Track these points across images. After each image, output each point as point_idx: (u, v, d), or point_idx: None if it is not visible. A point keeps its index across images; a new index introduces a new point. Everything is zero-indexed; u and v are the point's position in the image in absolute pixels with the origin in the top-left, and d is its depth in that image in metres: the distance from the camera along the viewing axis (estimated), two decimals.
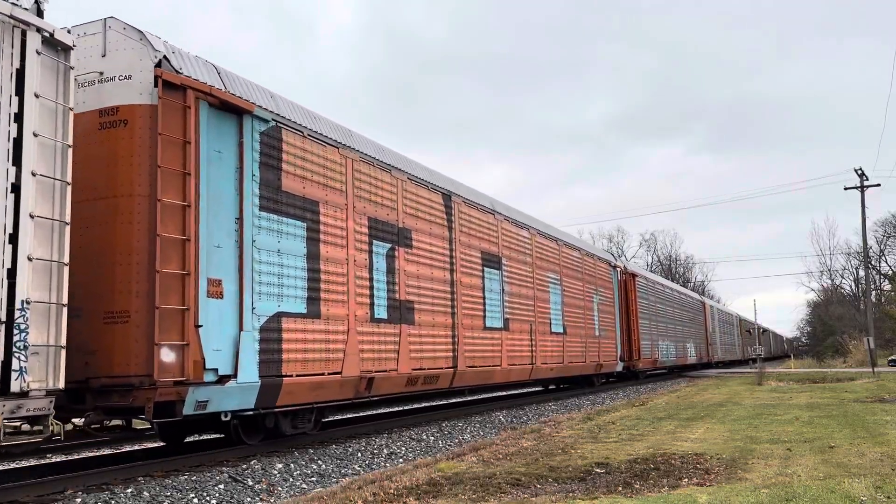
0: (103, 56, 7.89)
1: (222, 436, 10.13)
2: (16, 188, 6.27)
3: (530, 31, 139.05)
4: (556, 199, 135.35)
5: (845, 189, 41.21)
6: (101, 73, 7.84)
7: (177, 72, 7.87)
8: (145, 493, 6.99)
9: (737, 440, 9.98)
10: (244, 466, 8.43)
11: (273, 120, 9.18)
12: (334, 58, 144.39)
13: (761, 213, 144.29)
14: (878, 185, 40.92)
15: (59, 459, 9.68)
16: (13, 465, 9.18)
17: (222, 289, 8.10)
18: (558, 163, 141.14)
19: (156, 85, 7.67)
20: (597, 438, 10.65)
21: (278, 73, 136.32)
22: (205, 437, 11.46)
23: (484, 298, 14.68)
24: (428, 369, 12.33)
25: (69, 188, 6.70)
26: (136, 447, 10.72)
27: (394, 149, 12.78)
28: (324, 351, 9.68)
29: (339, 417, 15.02)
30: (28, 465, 9.17)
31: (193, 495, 7.17)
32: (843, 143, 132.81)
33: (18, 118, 6.37)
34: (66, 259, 6.60)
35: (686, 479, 7.10)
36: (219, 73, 8.68)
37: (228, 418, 8.54)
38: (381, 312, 11.13)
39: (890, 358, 45.70)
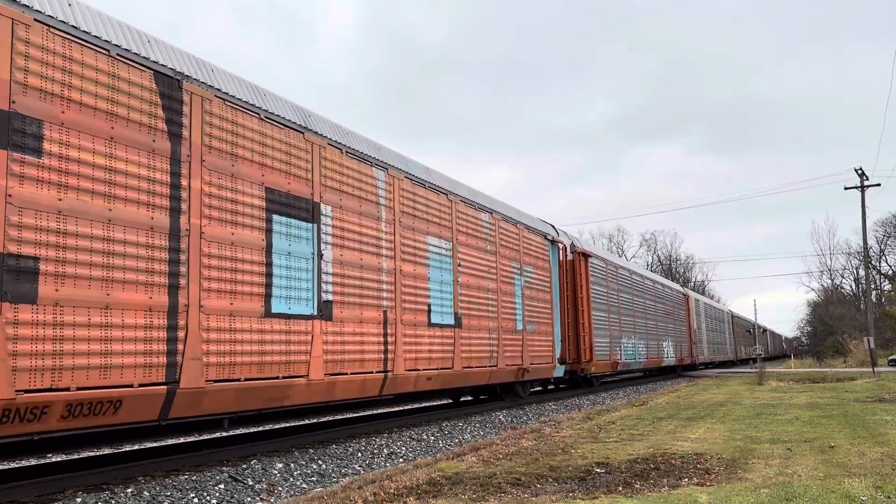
0: None
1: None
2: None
3: (530, 31, 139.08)
4: (556, 199, 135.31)
5: (845, 189, 41.22)
6: None
7: None
8: (145, 493, 6.99)
9: (737, 440, 9.97)
10: (244, 466, 8.43)
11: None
12: (335, 58, 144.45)
13: (761, 213, 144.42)
14: (879, 184, 40.93)
15: (59, 459, 9.67)
16: (13, 465, 9.18)
17: None
18: (558, 163, 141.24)
19: None
20: (597, 438, 10.65)
21: (279, 73, 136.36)
22: (205, 436, 11.47)
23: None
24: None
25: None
26: (137, 447, 10.73)
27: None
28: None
29: (339, 417, 15.02)
30: (28, 464, 9.16)
31: (193, 495, 7.17)
32: (843, 143, 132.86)
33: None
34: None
35: (686, 479, 7.10)
36: None
37: None
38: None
39: (890, 358, 45.67)
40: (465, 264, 14.13)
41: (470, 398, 18.43)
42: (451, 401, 18.41)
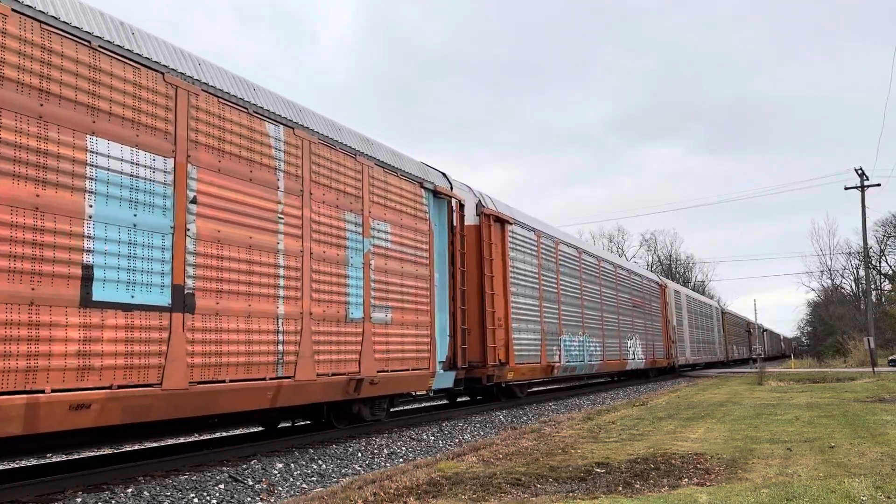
0: None
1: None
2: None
3: (529, 32, 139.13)
4: (557, 200, 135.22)
5: (845, 189, 41.22)
6: None
7: None
8: (145, 493, 6.99)
9: (737, 440, 9.97)
10: (244, 466, 8.43)
11: None
12: (335, 58, 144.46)
13: (761, 213, 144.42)
14: (879, 184, 40.93)
15: (59, 459, 9.67)
16: (13, 465, 9.18)
17: None
18: (558, 163, 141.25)
19: None
20: (597, 438, 10.64)
21: (280, 74, 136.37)
22: (206, 435, 11.47)
23: None
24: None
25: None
26: (137, 447, 10.73)
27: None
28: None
29: None
30: (28, 464, 9.16)
31: (194, 495, 7.17)
32: (843, 143, 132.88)
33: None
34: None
35: (686, 479, 7.10)
36: None
37: None
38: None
39: (890, 358, 45.68)
40: (209, 201, 8.23)
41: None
42: (446, 402, 18.34)
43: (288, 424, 12.16)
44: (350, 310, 10.48)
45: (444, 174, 14.19)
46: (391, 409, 13.28)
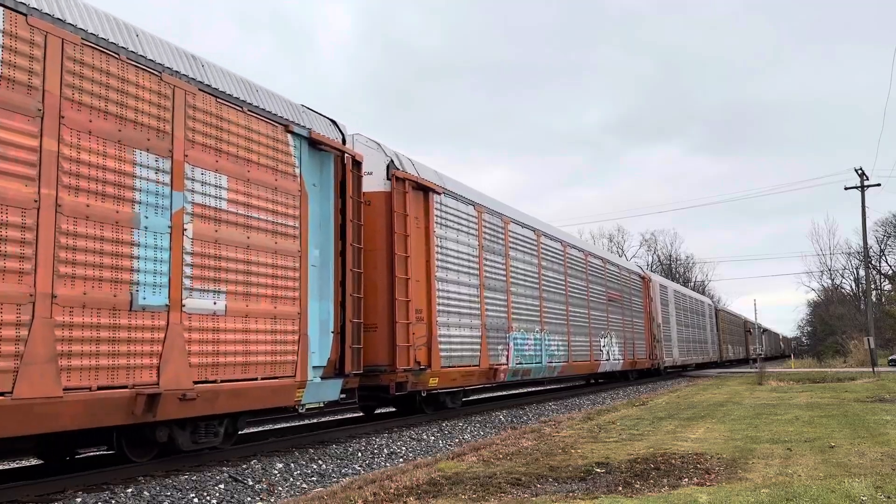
0: None
1: None
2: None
3: (527, 35, 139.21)
4: (557, 200, 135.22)
5: (845, 189, 41.16)
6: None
7: None
8: (145, 493, 6.99)
9: (737, 440, 9.97)
10: (244, 466, 8.43)
11: None
12: (335, 60, 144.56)
13: (761, 213, 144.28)
14: (879, 184, 40.88)
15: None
16: (13, 465, 9.18)
17: None
18: (558, 165, 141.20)
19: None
20: (597, 438, 10.64)
21: (280, 79, 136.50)
22: None
23: None
24: None
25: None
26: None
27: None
28: None
29: (339, 417, 15.02)
30: (28, 464, 9.16)
31: (194, 495, 7.17)
32: (843, 143, 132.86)
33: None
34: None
35: (686, 479, 7.10)
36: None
37: None
38: None
39: (890, 357, 45.73)
40: None
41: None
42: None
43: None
44: (140, 293, 7.27)
45: (333, 122, 10.67)
46: (240, 433, 9.75)
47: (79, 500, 6.62)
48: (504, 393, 22.80)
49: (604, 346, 23.08)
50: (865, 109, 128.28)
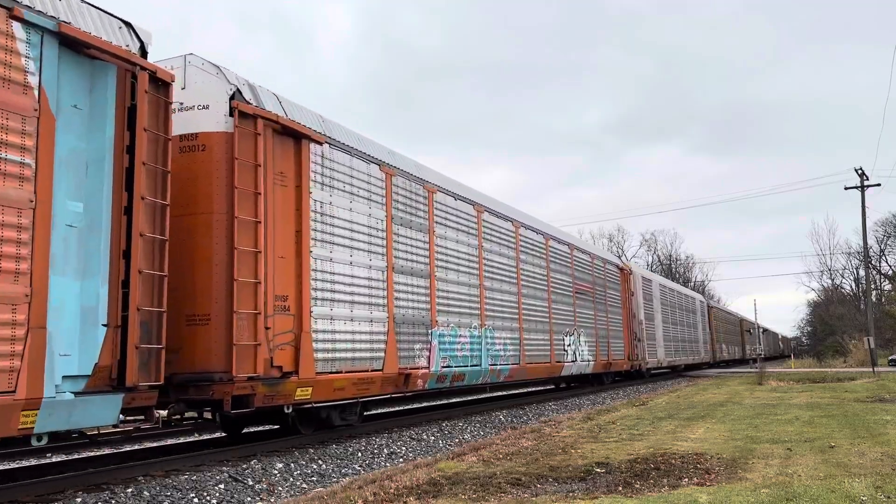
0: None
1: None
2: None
3: (527, 36, 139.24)
4: (557, 200, 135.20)
5: (845, 189, 41.17)
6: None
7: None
8: (145, 493, 6.99)
9: (737, 440, 9.97)
10: (244, 466, 8.43)
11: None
12: (334, 60, 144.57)
13: (761, 213, 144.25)
14: (879, 184, 40.89)
15: (58, 459, 9.67)
16: (13, 465, 9.18)
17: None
18: (559, 165, 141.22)
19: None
20: (597, 438, 10.64)
21: (281, 79, 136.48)
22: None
23: None
24: None
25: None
26: (137, 447, 10.73)
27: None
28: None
29: None
30: (28, 464, 9.16)
31: (194, 495, 7.17)
32: (843, 143, 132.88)
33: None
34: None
35: (686, 479, 7.10)
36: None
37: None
38: None
39: (890, 357, 45.74)
40: None
41: None
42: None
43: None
44: None
45: (127, 24, 7.63)
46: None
47: (79, 500, 6.62)
48: (424, 404, 18.20)
49: (569, 344, 19.71)
50: (865, 109, 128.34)
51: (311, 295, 9.71)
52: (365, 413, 12.54)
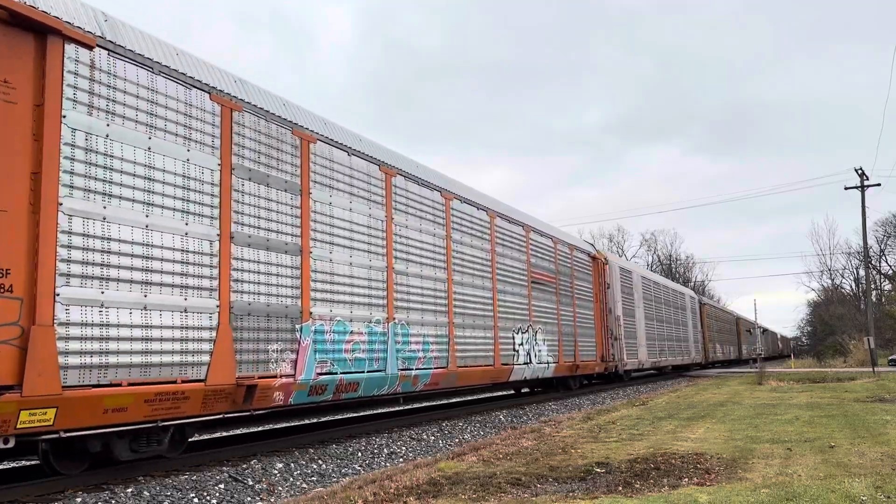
0: None
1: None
2: None
3: (526, 36, 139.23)
4: (557, 200, 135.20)
5: (845, 189, 41.16)
6: None
7: None
8: (145, 493, 6.99)
9: (737, 440, 9.98)
10: (244, 466, 8.43)
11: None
12: (334, 60, 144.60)
13: (761, 213, 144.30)
14: (879, 184, 40.88)
15: None
16: (13, 465, 9.18)
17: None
18: (558, 165, 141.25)
19: None
20: (597, 438, 10.65)
21: (281, 79, 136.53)
22: (206, 436, 11.48)
23: None
24: None
25: None
26: None
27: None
28: None
29: (339, 417, 15.03)
30: (28, 464, 9.16)
31: (194, 495, 7.17)
32: (843, 143, 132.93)
33: None
34: None
35: (686, 479, 7.10)
36: None
37: None
38: None
39: (890, 357, 45.76)
40: None
41: None
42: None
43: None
44: None
45: None
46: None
47: (79, 500, 6.62)
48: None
49: (521, 343, 16.56)
50: (865, 109, 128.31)
51: (60, 269, 6.62)
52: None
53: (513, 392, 21.31)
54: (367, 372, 10.81)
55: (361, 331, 10.77)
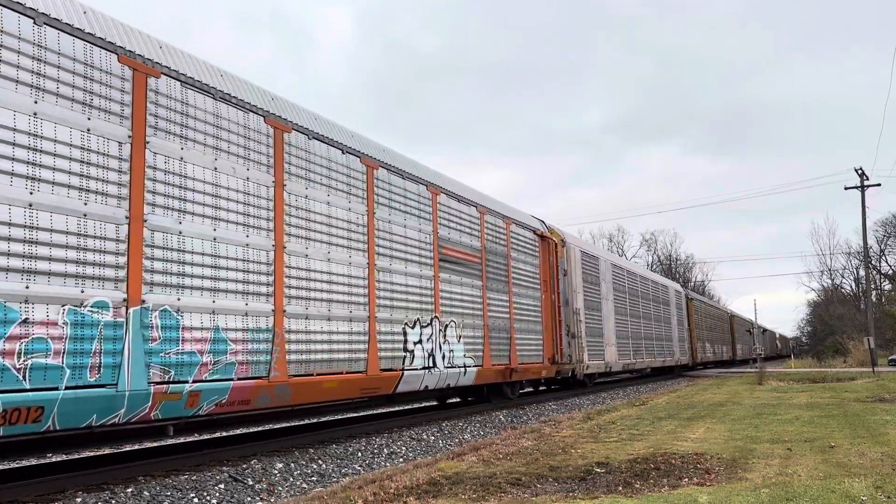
0: None
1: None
2: None
3: (526, 36, 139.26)
4: (557, 200, 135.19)
5: (845, 189, 41.17)
6: None
7: None
8: (145, 493, 6.99)
9: (737, 440, 9.97)
10: (244, 466, 8.43)
11: None
12: (334, 60, 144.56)
13: (761, 213, 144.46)
14: (879, 184, 40.90)
15: (58, 459, 9.67)
16: (13, 465, 9.18)
17: None
18: (558, 165, 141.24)
19: None
20: (597, 438, 10.64)
21: (281, 79, 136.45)
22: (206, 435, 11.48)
23: None
24: None
25: None
26: (136, 447, 10.73)
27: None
28: None
29: (339, 417, 15.02)
30: (28, 464, 9.16)
31: (194, 495, 7.17)
32: (842, 143, 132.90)
33: None
34: None
35: (686, 479, 7.10)
36: None
37: None
38: None
39: (890, 357, 45.76)
40: None
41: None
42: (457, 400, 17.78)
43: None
44: None
45: None
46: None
47: (79, 499, 6.62)
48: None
49: (419, 341, 12.31)
50: (865, 109, 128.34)
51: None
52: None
53: (423, 406, 17.36)
54: (82, 388, 6.67)
55: (53, 319, 6.53)
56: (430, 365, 12.67)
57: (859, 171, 40.44)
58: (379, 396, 12.31)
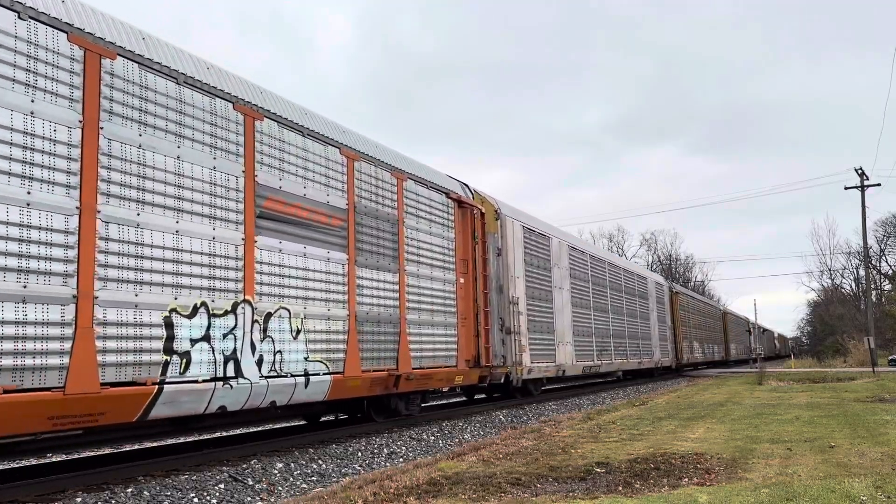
0: None
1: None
2: None
3: (526, 36, 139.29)
4: (556, 201, 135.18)
5: (845, 189, 41.19)
6: None
7: None
8: (145, 493, 6.99)
9: (737, 440, 9.97)
10: (244, 466, 8.43)
11: None
12: (334, 60, 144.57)
13: (761, 213, 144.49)
14: (879, 184, 40.91)
15: (59, 459, 9.67)
16: (13, 465, 9.18)
17: None
18: (558, 165, 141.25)
19: None
20: (597, 438, 10.64)
21: (281, 79, 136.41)
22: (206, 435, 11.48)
23: None
24: None
25: None
26: (136, 447, 10.73)
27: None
28: None
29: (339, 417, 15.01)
30: (28, 464, 9.16)
31: (194, 495, 7.17)
32: (842, 143, 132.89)
33: None
34: None
35: (686, 479, 7.10)
36: None
37: None
38: None
39: (890, 357, 45.78)
40: None
41: None
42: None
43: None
44: None
45: None
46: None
47: (79, 500, 6.62)
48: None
49: (206, 337, 8.01)
50: (865, 109, 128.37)
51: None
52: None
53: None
54: None
55: None
56: (231, 376, 8.31)
57: (859, 171, 40.44)
58: (107, 427, 7.79)
